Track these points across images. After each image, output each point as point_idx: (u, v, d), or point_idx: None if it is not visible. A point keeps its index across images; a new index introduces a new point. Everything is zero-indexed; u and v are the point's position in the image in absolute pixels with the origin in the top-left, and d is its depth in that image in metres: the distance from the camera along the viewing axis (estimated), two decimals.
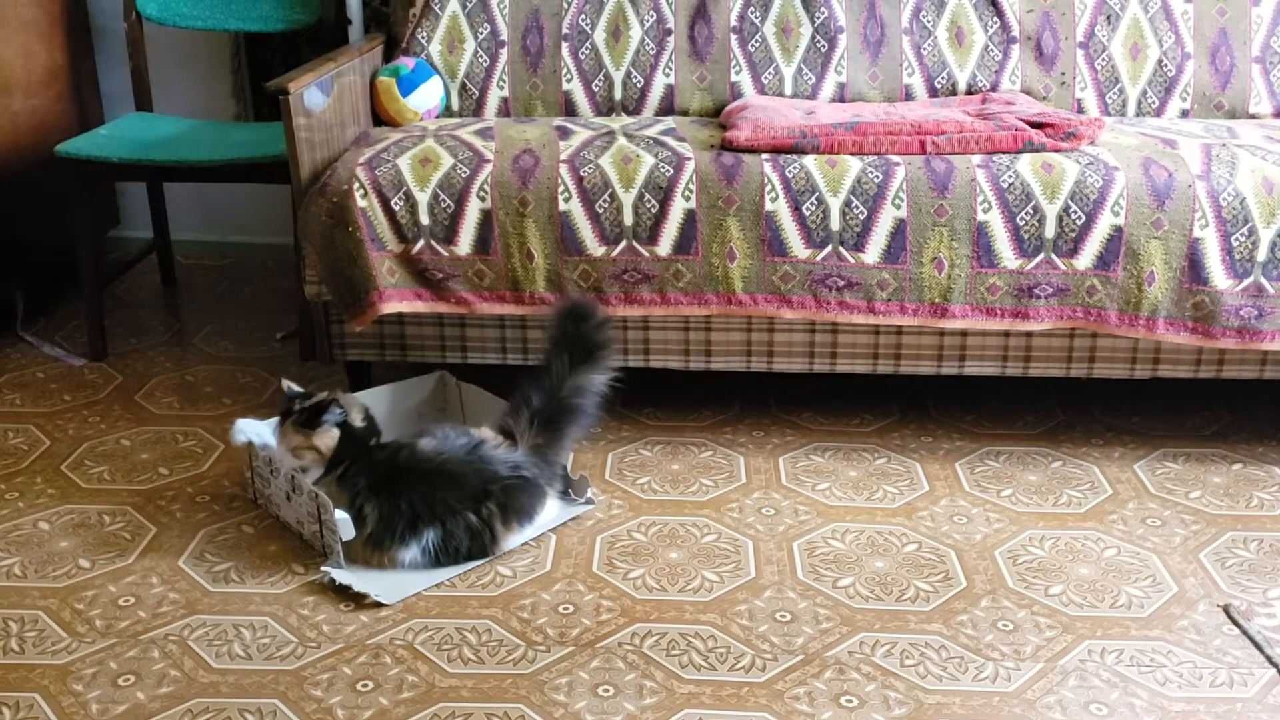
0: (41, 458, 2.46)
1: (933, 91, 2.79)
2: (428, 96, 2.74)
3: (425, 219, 2.33)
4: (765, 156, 2.34)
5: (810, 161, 2.32)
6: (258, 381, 2.81)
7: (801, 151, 2.34)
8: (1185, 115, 2.77)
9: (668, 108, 2.82)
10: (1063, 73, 2.78)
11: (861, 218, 2.28)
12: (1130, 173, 2.26)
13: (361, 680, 1.78)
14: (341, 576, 2.00)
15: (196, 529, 2.19)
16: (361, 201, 2.33)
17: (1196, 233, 2.24)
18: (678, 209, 2.31)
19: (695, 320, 2.43)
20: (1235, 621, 1.92)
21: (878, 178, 2.28)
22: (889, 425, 2.58)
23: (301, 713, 1.71)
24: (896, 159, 2.32)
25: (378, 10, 3.15)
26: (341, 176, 2.36)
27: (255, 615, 1.94)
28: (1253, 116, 2.76)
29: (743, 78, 2.80)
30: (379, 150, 2.40)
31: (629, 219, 2.32)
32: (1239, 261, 2.24)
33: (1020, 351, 2.40)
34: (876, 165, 2.30)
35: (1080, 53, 2.77)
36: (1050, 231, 2.26)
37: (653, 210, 2.31)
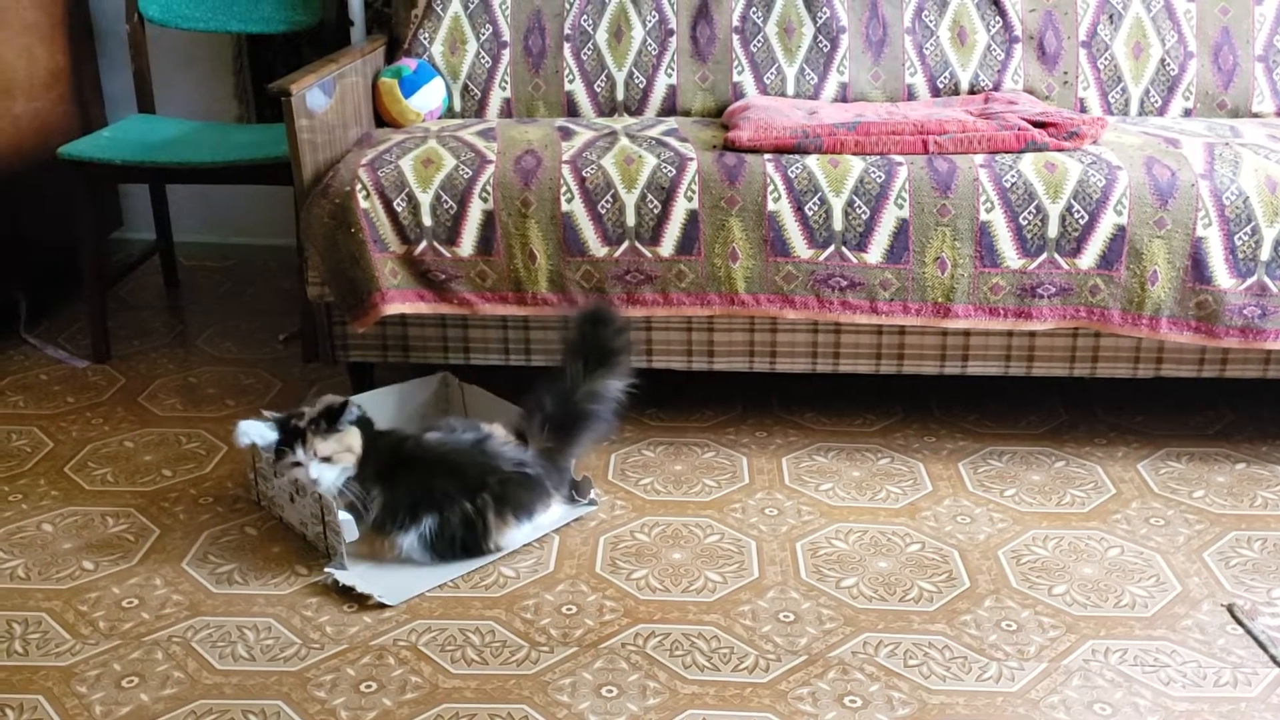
0: (45, 460, 2.46)
1: (935, 91, 2.79)
2: (430, 97, 2.74)
3: (428, 220, 2.33)
4: (768, 157, 2.33)
5: (813, 161, 2.31)
6: (260, 383, 2.81)
7: (804, 151, 2.34)
8: (1188, 114, 2.77)
9: (670, 108, 2.82)
10: (1065, 72, 2.77)
11: (864, 218, 2.28)
12: (1133, 172, 2.26)
13: (365, 681, 1.78)
14: (345, 578, 2.00)
15: (200, 531, 2.19)
16: (364, 203, 2.33)
17: (1200, 232, 2.23)
18: (680, 209, 2.31)
19: (698, 321, 2.42)
20: (1239, 621, 1.92)
21: (880, 178, 2.28)
22: (892, 425, 2.58)
23: (305, 714, 1.71)
24: (899, 159, 2.32)
25: (380, 11, 3.15)
26: (344, 178, 2.36)
27: (259, 617, 1.94)
28: (1256, 115, 2.76)
29: (745, 78, 2.80)
30: (381, 151, 2.41)
31: (631, 219, 2.32)
32: (1242, 261, 2.24)
33: (1023, 351, 2.40)
34: (879, 165, 2.30)
35: (1083, 52, 2.77)
36: (1053, 231, 2.26)
37: (655, 211, 2.31)
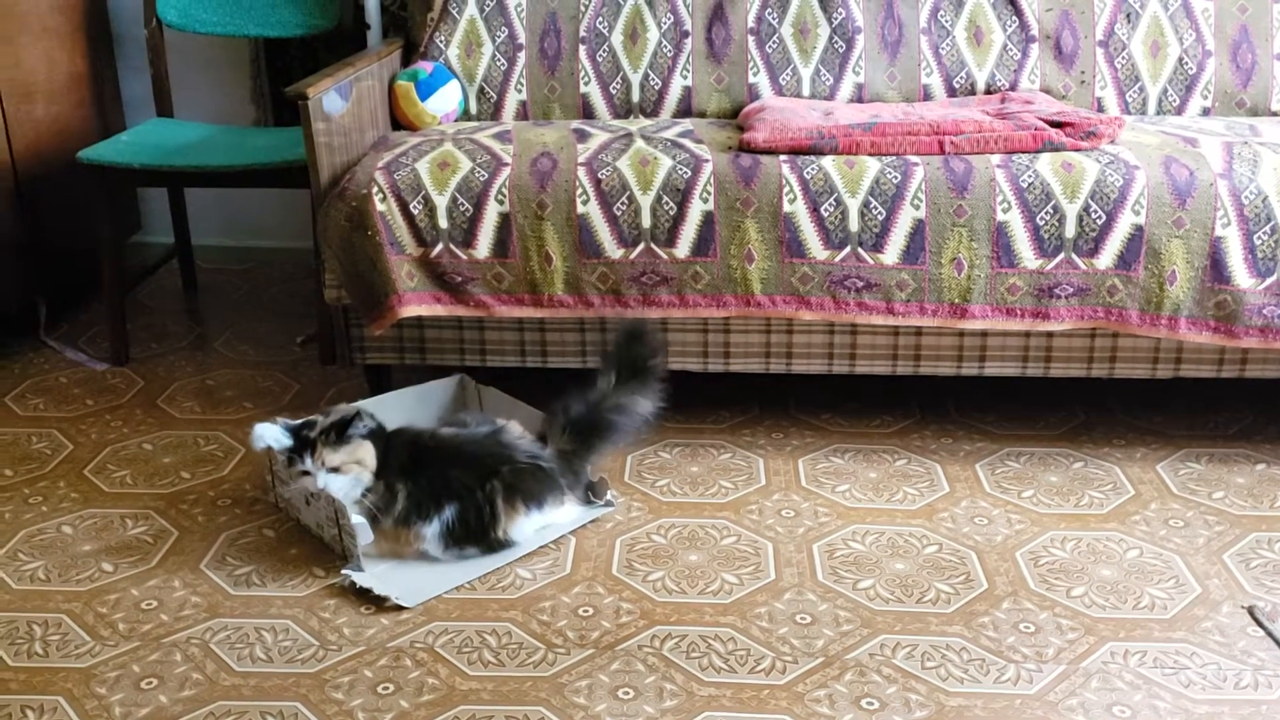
0: (64, 462, 2.47)
1: (951, 91, 2.78)
2: (446, 100, 2.74)
3: (444, 222, 2.34)
4: (783, 158, 2.33)
5: (828, 162, 2.31)
6: (278, 385, 2.82)
7: (820, 152, 2.34)
8: (1206, 113, 2.75)
9: (685, 109, 2.82)
10: (1082, 71, 2.76)
11: (880, 218, 2.27)
12: (1151, 171, 2.25)
13: (382, 683, 1.79)
14: (362, 580, 2.01)
15: (218, 533, 2.20)
16: (380, 205, 2.33)
17: (1218, 231, 2.22)
18: (696, 211, 2.30)
19: (714, 322, 2.42)
20: (1260, 623, 1.90)
21: (896, 178, 2.28)
22: (909, 426, 2.58)
23: (323, 715, 1.72)
24: (915, 159, 2.31)
25: (396, 15, 3.15)
26: (360, 181, 2.37)
27: (276, 618, 1.95)
28: (1275, 114, 2.74)
29: (760, 79, 2.80)
30: (398, 154, 2.41)
31: (647, 221, 2.32)
32: (1261, 260, 2.22)
33: (1041, 352, 2.39)
34: (895, 166, 2.30)
35: (1100, 51, 2.76)
36: (1070, 231, 2.25)
37: (671, 212, 2.31)
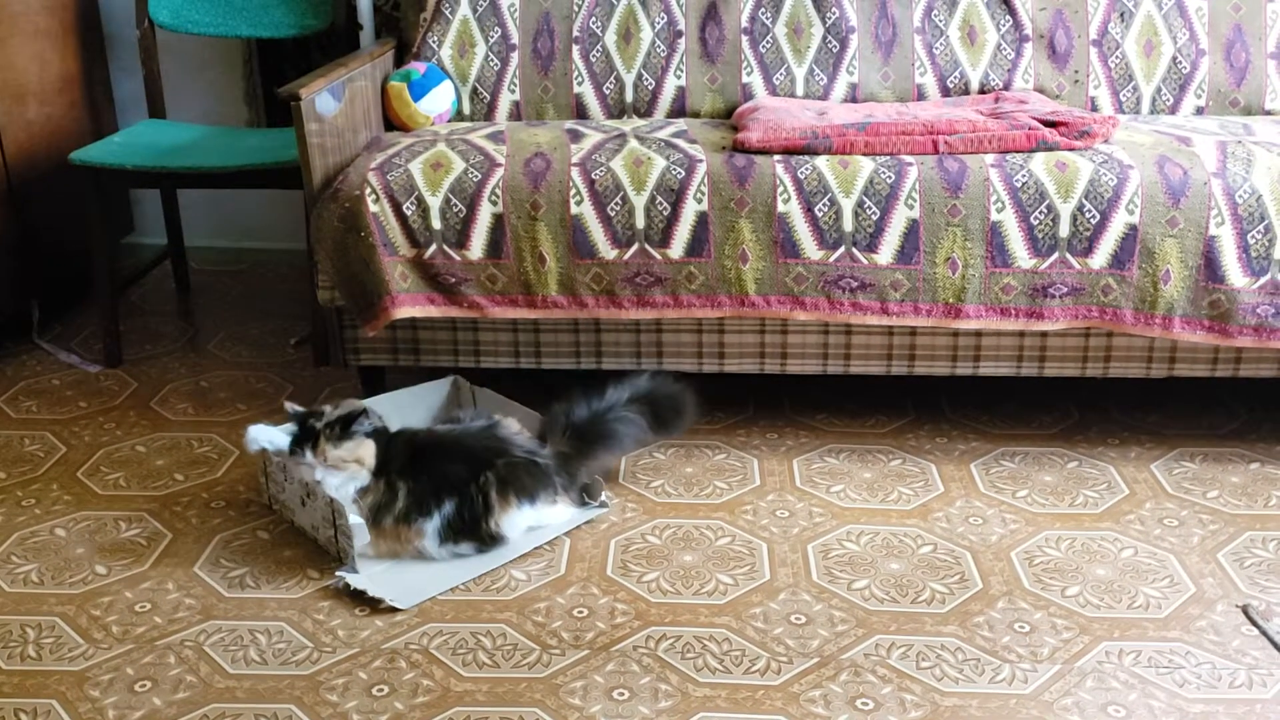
0: (58, 464, 2.47)
1: (945, 91, 2.78)
2: (439, 101, 2.74)
3: (437, 223, 2.33)
4: (777, 158, 2.33)
5: (822, 162, 2.31)
6: (272, 387, 2.82)
7: (814, 152, 2.34)
8: (1200, 112, 2.75)
9: (679, 110, 2.82)
10: (1076, 71, 2.76)
11: (874, 218, 2.27)
12: (1145, 171, 2.25)
13: (377, 685, 1.78)
14: (356, 581, 2.01)
15: (212, 534, 2.20)
16: (373, 206, 2.33)
17: (1212, 230, 2.22)
18: (690, 211, 2.30)
19: (708, 323, 2.42)
20: (1254, 622, 1.91)
21: (890, 178, 2.28)
22: (903, 426, 2.58)
23: (317, 718, 1.71)
24: (909, 159, 2.31)
25: (389, 15, 3.15)
26: (353, 182, 2.36)
27: (271, 620, 1.94)
28: (1268, 113, 2.75)
29: (754, 79, 2.80)
30: (391, 155, 2.41)
31: (641, 222, 2.31)
32: (1255, 259, 2.23)
33: (1035, 351, 2.39)
34: (889, 165, 2.30)
35: (1094, 50, 2.76)
36: (1065, 230, 2.25)
37: (665, 213, 2.31)
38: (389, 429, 2.14)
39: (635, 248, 2.32)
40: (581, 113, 2.84)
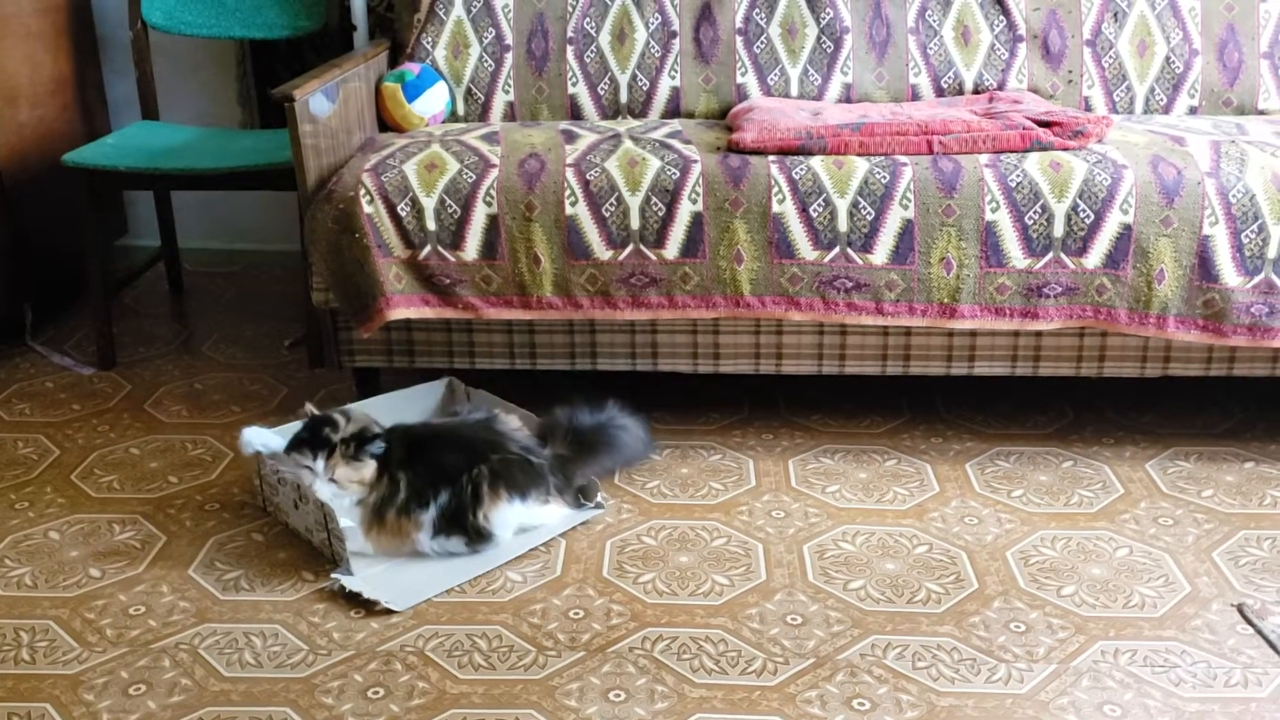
0: (51, 467, 2.46)
1: (939, 91, 2.79)
2: (433, 102, 2.74)
3: (432, 224, 2.33)
4: (772, 158, 2.33)
5: (817, 163, 2.31)
6: (266, 389, 2.81)
7: (808, 153, 2.34)
8: (1193, 112, 2.76)
9: (674, 110, 2.82)
10: (1070, 71, 2.77)
11: (869, 219, 2.27)
12: (1139, 170, 2.25)
13: (372, 687, 1.78)
14: (351, 584, 2.00)
15: (206, 537, 2.19)
16: (368, 207, 2.33)
17: (1206, 230, 2.22)
18: (684, 212, 2.30)
19: (703, 323, 2.42)
20: (1249, 621, 1.91)
21: (885, 178, 2.28)
22: (898, 427, 2.58)
23: None
24: (904, 159, 2.31)
25: (383, 16, 3.15)
26: (348, 183, 2.36)
27: (265, 623, 1.94)
28: (1262, 113, 2.75)
29: (749, 79, 2.80)
30: (385, 156, 2.40)
31: (636, 222, 2.31)
32: (1249, 258, 2.23)
33: (1030, 351, 2.39)
34: (883, 166, 2.30)
35: (1087, 50, 2.76)
36: (1059, 230, 2.25)
37: (659, 213, 2.31)
38: (391, 448, 2.15)
39: (630, 248, 2.32)
40: (576, 113, 2.83)
